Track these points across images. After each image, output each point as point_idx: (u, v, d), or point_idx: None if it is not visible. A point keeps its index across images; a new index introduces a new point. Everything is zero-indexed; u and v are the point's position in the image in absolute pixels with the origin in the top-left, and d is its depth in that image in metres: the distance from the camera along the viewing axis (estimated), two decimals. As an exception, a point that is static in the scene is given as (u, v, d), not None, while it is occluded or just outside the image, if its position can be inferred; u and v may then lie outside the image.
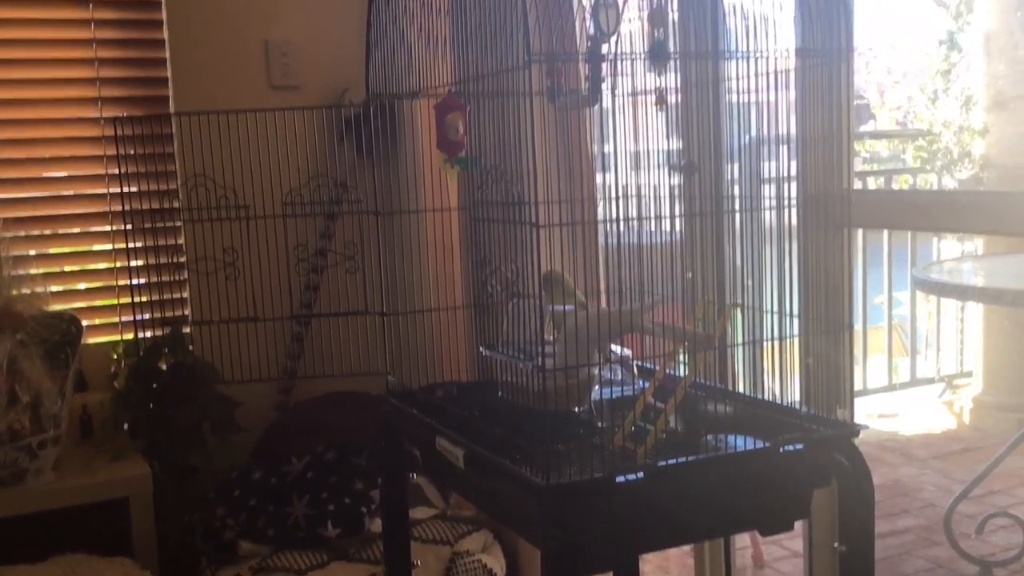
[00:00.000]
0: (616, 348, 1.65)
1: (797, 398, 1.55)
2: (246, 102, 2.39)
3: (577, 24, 1.58)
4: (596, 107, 1.75)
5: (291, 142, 2.45)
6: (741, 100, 1.60)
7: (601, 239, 1.91)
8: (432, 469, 1.65)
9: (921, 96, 4.94)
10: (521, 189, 1.35)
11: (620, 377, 1.64)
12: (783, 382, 1.55)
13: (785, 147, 1.60)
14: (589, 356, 1.44)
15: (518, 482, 1.33)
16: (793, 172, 1.63)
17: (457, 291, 2.10)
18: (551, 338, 1.50)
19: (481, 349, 1.63)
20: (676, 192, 1.73)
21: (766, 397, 1.57)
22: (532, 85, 1.37)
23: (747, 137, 1.67)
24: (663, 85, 1.47)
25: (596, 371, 1.54)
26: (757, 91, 1.55)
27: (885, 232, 4.78)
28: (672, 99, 1.60)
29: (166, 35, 2.63)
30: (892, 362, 4.94)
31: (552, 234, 1.47)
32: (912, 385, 4.91)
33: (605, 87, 1.56)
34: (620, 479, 1.30)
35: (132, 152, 2.38)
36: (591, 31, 1.41)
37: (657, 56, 1.39)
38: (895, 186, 5.03)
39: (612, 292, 1.76)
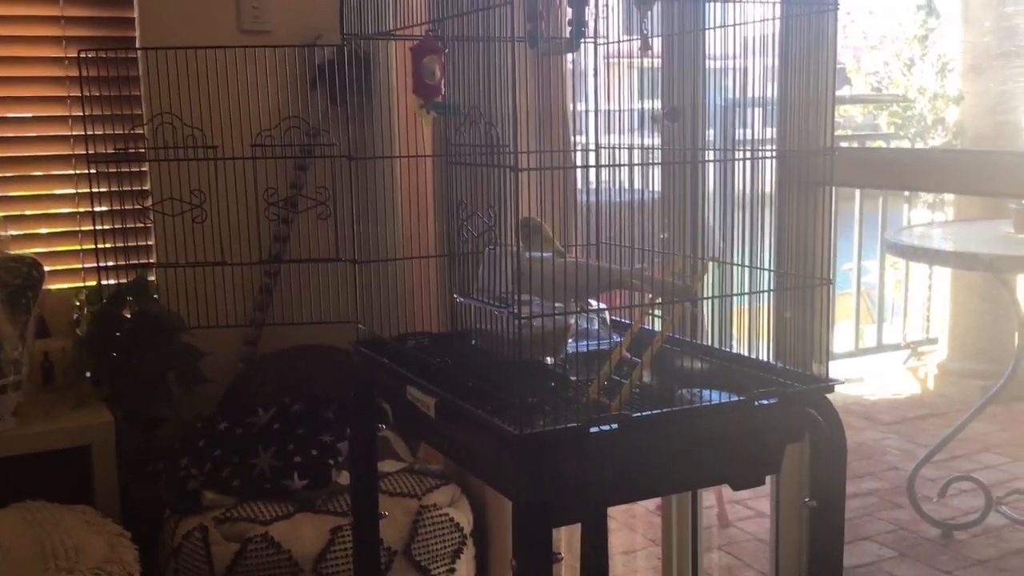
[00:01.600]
0: (592, 302, 1.62)
1: (772, 354, 1.54)
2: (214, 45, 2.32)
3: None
4: (575, 63, 1.72)
5: (262, 83, 2.39)
6: (722, 56, 1.57)
7: (579, 196, 1.89)
8: (403, 419, 1.63)
9: (897, 62, 4.94)
10: (500, 132, 1.32)
11: (596, 328, 1.62)
12: (758, 337, 1.54)
13: (766, 105, 1.58)
14: (566, 305, 1.42)
15: (491, 432, 1.31)
16: (774, 132, 1.61)
17: (430, 239, 2.07)
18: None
19: (456, 296, 1.60)
20: (655, 146, 1.71)
21: (741, 352, 1.56)
22: (513, 27, 1.33)
23: (727, 95, 1.65)
24: (647, 31, 1.44)
25: (572, 321, 1.51)
26: (740, 44, 1.52)
27: (857, 199, 4.80)
28: (655, 50, 1.57)
29: (133, -27, 2.55)
30: (859, 328, 4.98)
31: (531, 181, 1.44)
32: (878, 351, 4.97)
33: (588, 34, 1.53)
34: (594, 430, 1.28)
35: (97, 93, 2.31)
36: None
37: (643, -2, 1.35)
38: (868, 152, 5.03)
39: (588, 245, 1.74)
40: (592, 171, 1.76)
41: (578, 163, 1.81)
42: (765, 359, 1.52)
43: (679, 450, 1.37)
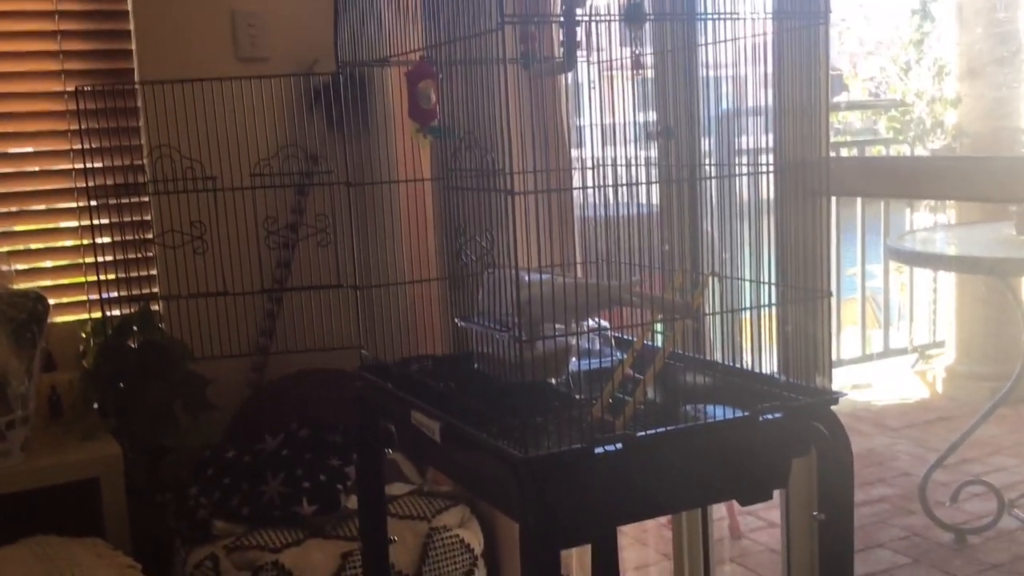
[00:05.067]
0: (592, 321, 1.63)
1: (775, 367, 1.54)
2: (212, 74, 2.34)
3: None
4: (571, 78, 1.73)
5: (259, 113, 2.40)
6: (716, 67, 1.58)
7: (577, 211, 1.89)
8: (408, 444, 1.63)
9: (894, 67, 4.94)
10: (495, 157, 1.32)
11: (598, 348, 1.62)
12: (761, 351, 1.54)
13: (761, 116, 1.58)
14: (567, 326, 1.42)
15: (496, 455, 1.31)
16: (770, 141, 1.61)
17: (431, 263, 2.07)
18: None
19: (457, 320, 1.61)
20: (652, 161, 1.72)
21: (744, 367, 1.56)
22: (506, 50, 1.34)
23: (723, 105, 1.65)
24: (639, 50, 1.45)
25: (574, 341, 1.52)
26: (733, 57, 1.53)
27: (858, 203, 4.79)
28: (647, 67, 1.57)
29: (130, 6, 2.56)
30: (865, 333, 4.97)
31: (527, 203, 1.44)
32: (885, 356, 4.95)
33: (580, 54, 1.54)
34: (599, 450, 1.28)
35: (97, 126, 2.33)
36: (565, -6, 1.38)
37: (633, 18, 1.36)
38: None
39: (588, 263, 1.74)
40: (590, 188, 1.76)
41: (576, 182, 1.81)
42: (770, 371, 1.52)
43: (685, 467, 1.36)
